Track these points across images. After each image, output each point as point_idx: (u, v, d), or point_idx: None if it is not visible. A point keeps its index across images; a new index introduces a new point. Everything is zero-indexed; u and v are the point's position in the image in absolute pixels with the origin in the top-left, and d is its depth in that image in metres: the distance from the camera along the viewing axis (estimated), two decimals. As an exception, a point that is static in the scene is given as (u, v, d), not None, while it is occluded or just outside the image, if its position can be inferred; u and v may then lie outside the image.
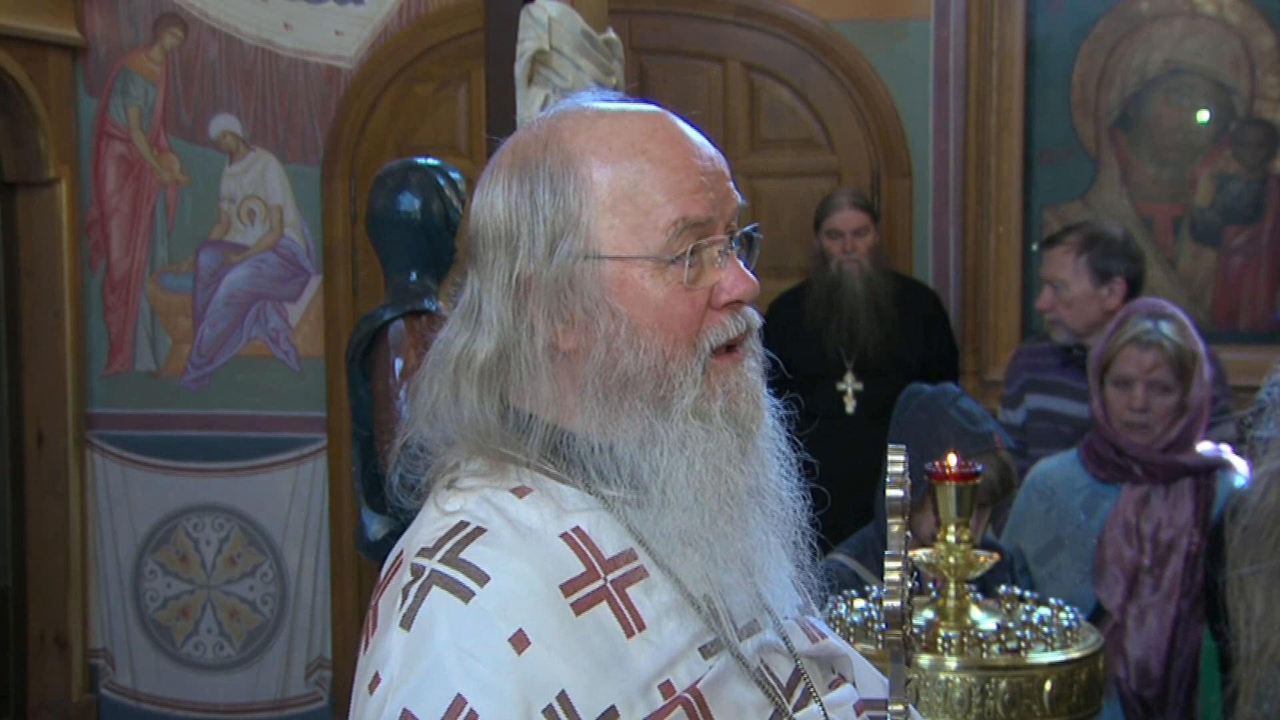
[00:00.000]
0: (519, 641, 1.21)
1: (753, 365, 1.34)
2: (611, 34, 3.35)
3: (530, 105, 3.14)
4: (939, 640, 2.36)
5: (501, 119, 3.26)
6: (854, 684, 1.44)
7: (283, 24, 5.14)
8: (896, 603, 1.32)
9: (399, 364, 3.22)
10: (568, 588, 1.25)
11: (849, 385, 4.39)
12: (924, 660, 2.26)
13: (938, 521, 2.55)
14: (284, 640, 5.26)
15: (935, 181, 4.92)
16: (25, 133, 5.09)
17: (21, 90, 4.99)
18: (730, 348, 1.32)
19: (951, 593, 2.52)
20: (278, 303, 5.23)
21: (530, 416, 1.31)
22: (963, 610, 2.54)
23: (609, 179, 1.28)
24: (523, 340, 1.29)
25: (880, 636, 2.24)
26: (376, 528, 3.31)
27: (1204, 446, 3.08)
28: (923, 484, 2.83)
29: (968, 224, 4.83)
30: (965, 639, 2.46)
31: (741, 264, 1.32)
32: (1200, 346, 3.07)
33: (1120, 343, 3.06)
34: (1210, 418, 3.51)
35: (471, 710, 1.19)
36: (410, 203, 3.35)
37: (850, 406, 4.36)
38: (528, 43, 3.13)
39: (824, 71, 4.99)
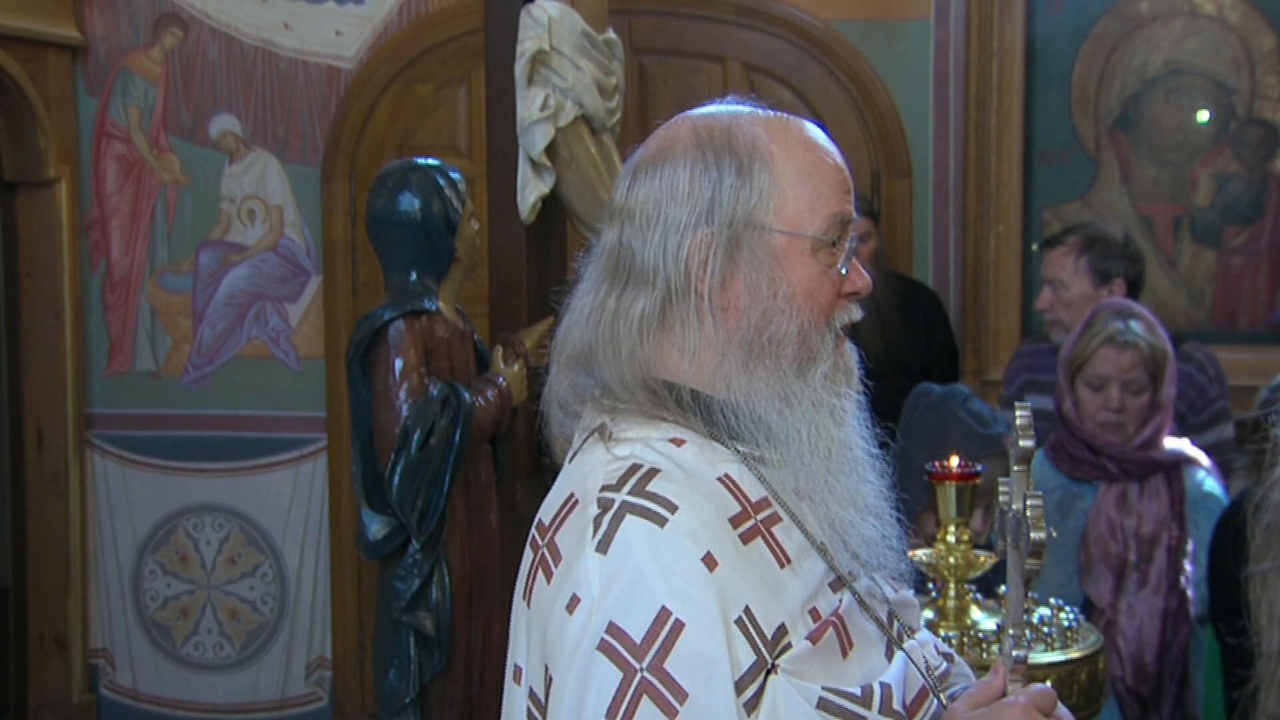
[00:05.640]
0: (709, 561, 1.34)
1: (853, 348, 1.56)
2: (611, 34, 3.35)
3: (530, 105, 3.14)
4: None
5: (501, 119, 3.26)
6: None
7: (283, 24, 5.14)
8: (1040, 534, 1.46)
9: (399, 364, 3.21)
10: (734, 521, 1.40)
11: (849, 387, 4.38)
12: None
13: (938, 522, 2.55)
14: (284, 640, 5.26)
15: (935, 181, 4.91)
16: (25, 133, 5.09)
17: (21, 90, 4.99)
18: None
19: (951, 593, 2.52)
20: (278, 303, 5.23)
21: (673, 385, 1.45)
22: (963, 610, 2.55)
23: (788, 165, 1.46)
24: (691, 293, 1.43)
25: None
26: (376, 528, 3.31)
27: (1170, 442, 3.09)
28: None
29: (968, 224, 4.83)
30: (965, 639, 2.46)
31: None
32: (1169, 345, 3.08)
33: (1094, 344, 3.06)
34: (1208, 418, 3.52)
35: (677, 620, 1.31)
36: (410, 203, 3.35)
37: (850, 408, 4.36)
38: (528, 43, 3.13)
39: (824, 71, 4.99)
